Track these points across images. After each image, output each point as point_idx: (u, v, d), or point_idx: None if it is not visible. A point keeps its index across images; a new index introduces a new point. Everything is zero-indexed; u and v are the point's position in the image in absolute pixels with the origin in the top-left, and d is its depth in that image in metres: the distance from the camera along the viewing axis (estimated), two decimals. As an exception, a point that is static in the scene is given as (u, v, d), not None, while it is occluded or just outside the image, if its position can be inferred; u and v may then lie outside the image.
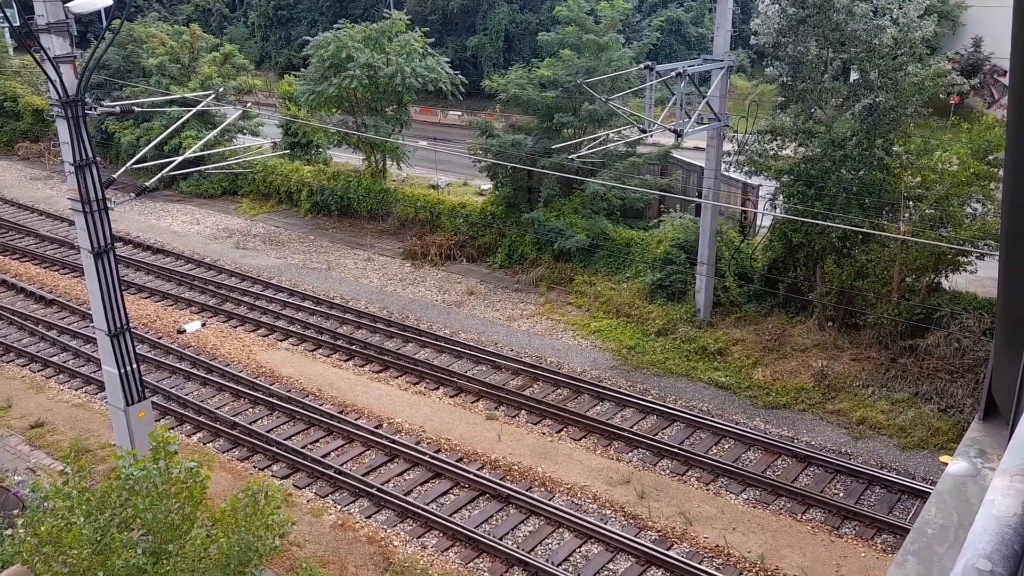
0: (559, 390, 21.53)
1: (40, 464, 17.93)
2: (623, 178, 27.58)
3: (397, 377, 22.40)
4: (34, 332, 25.01)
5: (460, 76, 33.77)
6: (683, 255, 25.20)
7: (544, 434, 19.59)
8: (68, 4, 12.83)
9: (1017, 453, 1.46)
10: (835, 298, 22.47)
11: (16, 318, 25.75)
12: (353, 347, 23.89)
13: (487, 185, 32.68)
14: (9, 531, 9.77)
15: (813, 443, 19.06)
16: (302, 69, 35.65)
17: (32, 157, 45.30)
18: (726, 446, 19.03)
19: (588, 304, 26.19)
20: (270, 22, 71.43)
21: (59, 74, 12.70)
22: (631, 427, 19.68)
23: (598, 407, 20.79)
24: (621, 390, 21.40)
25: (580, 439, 19.35)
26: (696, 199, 26.46)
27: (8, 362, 23.37)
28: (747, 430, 19.43)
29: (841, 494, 17.20)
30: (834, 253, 22.58)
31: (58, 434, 19.42)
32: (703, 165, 24.14)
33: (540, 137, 28.80)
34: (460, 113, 51.25)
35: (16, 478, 15.66)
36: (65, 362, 23.23)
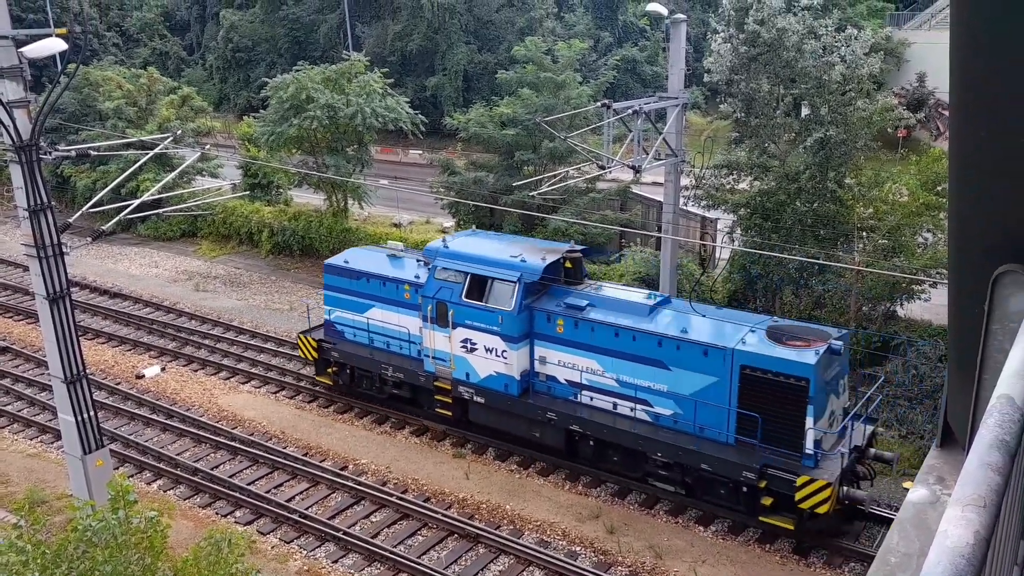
0: (525, 426, 21.46)
1: (-8, 518, 17.36)
2: (584, 214, 27.88)
3: (362, 417, 22.15)
4: (-14, 381, 24.34)
5: (420, 115, 34.02)
6: (645, 288, 25.46)
7: (512, 471, 19.47)
8: (22, 49, 12.73)
9: (968, 482, 1.51)
10: (795, 328, 22.81)
11: (-33, 367, 25.06)
12: (316, 388, 23.60)
13: (449, 222, 32.78)
14: (-40, 589, 9.41)
15: (778, 472, 19.18)
16: (261, 111, 35.63)
17: (-16, 202, 44.46)
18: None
19: (552, 339, 26.22)
20: (228, 64, 71.44)
21: (12, 119, 12.56)
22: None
23: (565, 442, 20.74)
24: (587, 425, 21.39)
25: (548, 475, 19.27)
26: (656, 233, 26.81)
27: (-42, 413, 22.69)
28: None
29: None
30: (792, 284, 23.00)
31: (12, 486, 18.83)
32: (662, 200, 24.50)
33: (501, 174, 29.06)
34: (421, 152, 51.50)
35: (-33, 533, 15.12)
36: (19, 411, 22.59)
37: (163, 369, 25.09)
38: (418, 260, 21.37)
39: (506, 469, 19.55)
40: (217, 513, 18.11)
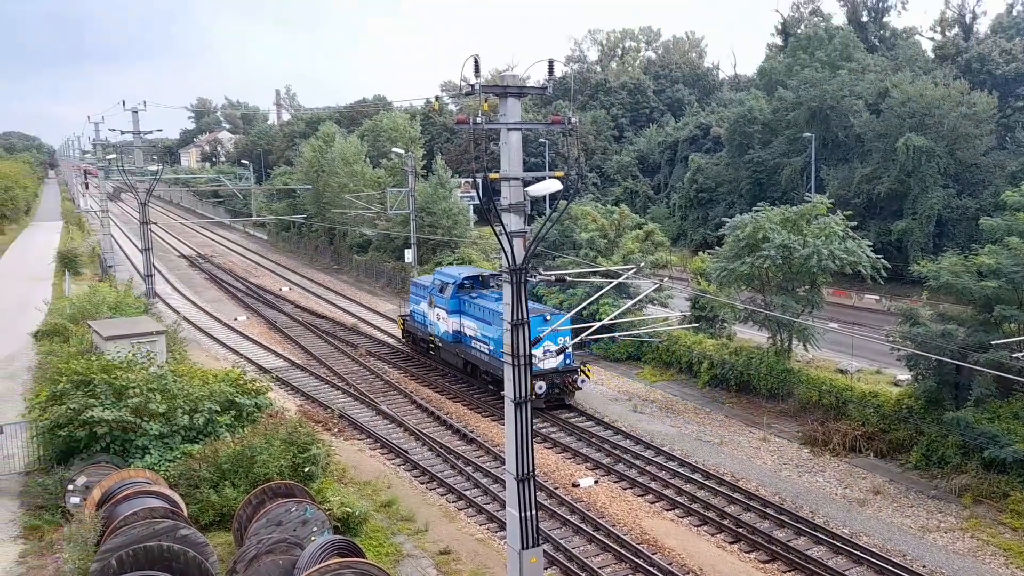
0: (983, 628, 18.17)
1: (442, 587, 19.68)
2: (1082, 385, 23.41)
3: (785, 572, 20.78)
4: (454, 465, 28.11)
5: (882, 260, 32.19)
6: None
7: None
8: (527, 188, 15.10)
9: None
10: None
11: (442, 450, 29.27)
12: (740, 530, 22.86)
13: (904, 375, 30.01)
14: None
15: None
16: (716, 247, 36.93)
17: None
18: None
19: (1028, 529, 22.09)
20: (690, 203, 75.73)
21: (512, 246, 14.84)
22: None
23: (1036, 660, 17.05)
24: (1070, 646, 17.36)
25: None
26: None
27: (431, 489, 26.45)
28: None
29: None
30: None
31: (461, 564, 21.23)
32: None
33: (975, 329, 25.96)
34: (878, 297, 48.48)
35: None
36: (475, 497, 25.60)
37: (596, 482, 26.51)
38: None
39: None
40: (628, 636, 18.23)
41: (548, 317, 31.80)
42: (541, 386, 31.45)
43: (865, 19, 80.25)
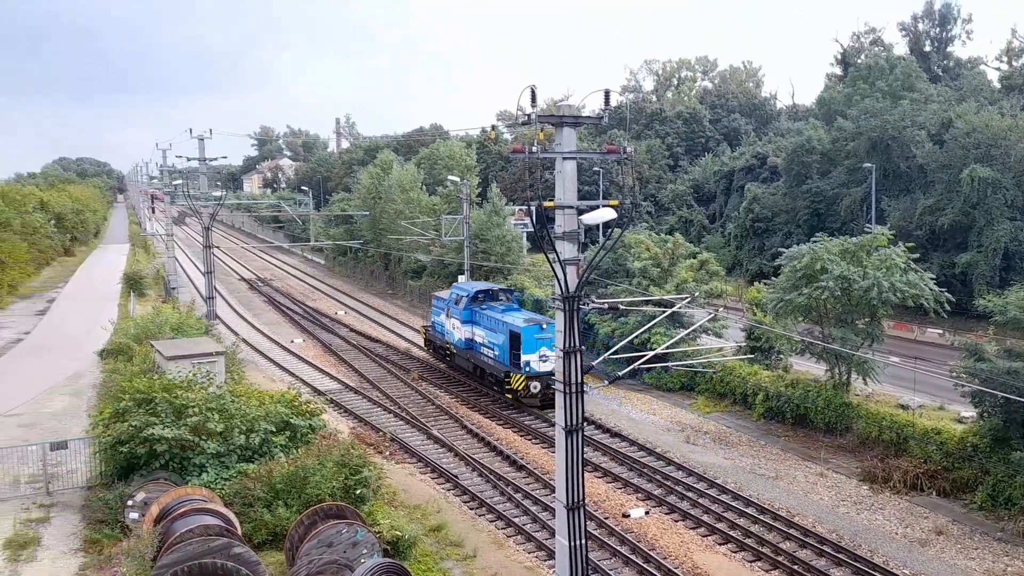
0: None
1: (490, 615, 19.57)
2: None
3: (842, 613, 20.19)
4: (504, 492, 28.04)
5: (945, 293, 31.35)
6: None
7: None
8: (581, 216, 15.18)
9: None
10: None
11: (491, 476, 29.23)
12: (795, 567, 22.29)
13: (969, 412, 29.07)
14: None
15: None
16: (772, 278, 36.41)
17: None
18: None
19: (1101, 577, 21.10)
20: (746, 232, 74.86)
21: (565, 273, 14.90)
22: None
23: None
24: None
25: None
26: None
27: (480, 515, 26.41)
28: None
29: None
30: None
31: (508, 591, 21.11)
32: None
33: (1044, 367, 25.04)
34: (941, 331, 47.20)
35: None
36: (524, 524, 25.48)
37: (647, 513, 26.16)
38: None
39: None
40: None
41: (544, 327, 36.02)
42: (536, 386, 35.65)
43: (928, 49, 78.99)
